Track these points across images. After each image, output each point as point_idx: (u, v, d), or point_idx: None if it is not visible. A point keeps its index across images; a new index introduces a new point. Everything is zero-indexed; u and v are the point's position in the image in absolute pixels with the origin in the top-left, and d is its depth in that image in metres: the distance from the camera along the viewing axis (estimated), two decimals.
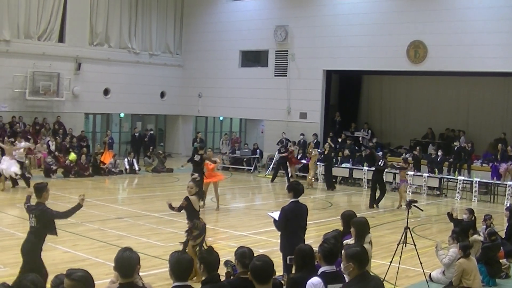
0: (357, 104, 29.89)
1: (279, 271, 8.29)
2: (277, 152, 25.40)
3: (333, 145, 23.53)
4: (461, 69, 23.65)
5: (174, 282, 4.92)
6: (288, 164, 23.87)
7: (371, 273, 7.10)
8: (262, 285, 5.10)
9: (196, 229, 9.91)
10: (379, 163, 19.51)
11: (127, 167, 24.82)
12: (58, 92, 26.59)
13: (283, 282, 6.22)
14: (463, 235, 10.73)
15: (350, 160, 24.55)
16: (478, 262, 10.23)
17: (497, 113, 25.74)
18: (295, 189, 8.66)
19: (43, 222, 8.20)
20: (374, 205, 18.75)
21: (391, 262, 9.91)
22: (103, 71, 28.51)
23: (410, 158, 20.60)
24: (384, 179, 19.91)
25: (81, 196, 8.25)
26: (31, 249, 8.20)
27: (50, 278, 4.52)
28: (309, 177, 23.04)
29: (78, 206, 8.32)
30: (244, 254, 5.52)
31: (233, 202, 20.09)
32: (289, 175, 23.57)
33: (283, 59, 28.23)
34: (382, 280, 9.72)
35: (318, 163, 23.66)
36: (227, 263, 5.90)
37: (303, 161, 25.27)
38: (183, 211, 10.07)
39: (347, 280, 5.23)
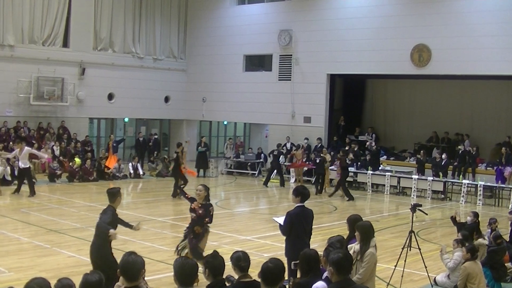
0: (361, 108, 29.83)
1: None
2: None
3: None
4: (465, 72, 23.65)
5: (178, 287, 4.92)
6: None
7: (376, 277, 7.09)
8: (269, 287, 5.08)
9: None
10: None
11: (132, 171, 24.86)
12: (62, 97, 26.66)
13: (288, 286, 6.20)
14: (469, 238, 10.70)
15: (355, 164, 24.49)
16: (483, 265, 10.19)
17: (501, 116, 25.65)
18: (302, 194, 8.64)
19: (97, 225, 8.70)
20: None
21: (395, 266, 9.89)
22: (107, 76, 28.57)
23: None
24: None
25: (138, 226, 9.33)
26: (94, 249, 8.65)
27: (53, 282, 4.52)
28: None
29: (130, 226, 9.37)
30: (239, 257, 5.53)
31: (238, 207, 20.09)
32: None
33: (287, 63, 28.25)
34: (387, 283, 9.78)
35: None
36: (228, 278, 5.82)
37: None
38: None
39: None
